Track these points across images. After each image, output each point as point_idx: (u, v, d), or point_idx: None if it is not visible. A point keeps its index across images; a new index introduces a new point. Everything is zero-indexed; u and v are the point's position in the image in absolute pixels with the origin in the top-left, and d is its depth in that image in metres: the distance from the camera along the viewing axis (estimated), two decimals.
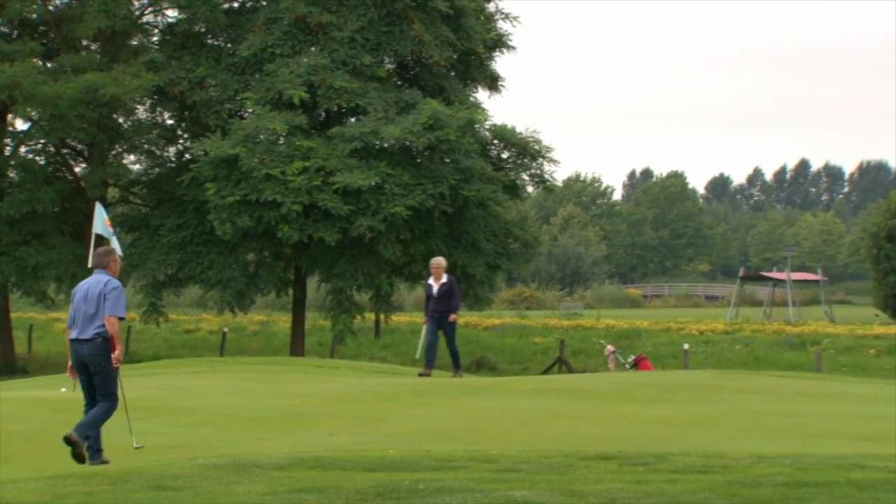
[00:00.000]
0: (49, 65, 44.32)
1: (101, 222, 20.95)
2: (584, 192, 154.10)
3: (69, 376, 13.35)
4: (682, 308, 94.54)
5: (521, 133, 43.40)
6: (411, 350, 39.41)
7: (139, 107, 45.04)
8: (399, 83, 44.24)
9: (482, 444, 12.95)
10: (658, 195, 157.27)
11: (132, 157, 46.88)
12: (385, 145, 39.79)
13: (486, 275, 42.87)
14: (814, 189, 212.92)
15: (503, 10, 47.10)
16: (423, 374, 24.19)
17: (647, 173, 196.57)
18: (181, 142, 46.35)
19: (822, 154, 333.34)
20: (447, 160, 40.37)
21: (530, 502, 8.25)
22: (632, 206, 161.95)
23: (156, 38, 46.50)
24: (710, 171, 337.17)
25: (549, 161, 43.73)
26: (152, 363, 31.65)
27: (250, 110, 41.50)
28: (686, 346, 41.07)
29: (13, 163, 44.73)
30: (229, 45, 44.10)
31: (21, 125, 45.27)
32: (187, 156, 44.96)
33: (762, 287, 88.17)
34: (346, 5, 41.93)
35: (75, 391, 18.71)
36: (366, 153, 39.70)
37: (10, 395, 19.33)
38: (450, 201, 39.66)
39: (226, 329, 48.70)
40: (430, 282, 24.21)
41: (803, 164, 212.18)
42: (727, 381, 22.17)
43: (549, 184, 45.05)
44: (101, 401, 12.76)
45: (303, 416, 16.58)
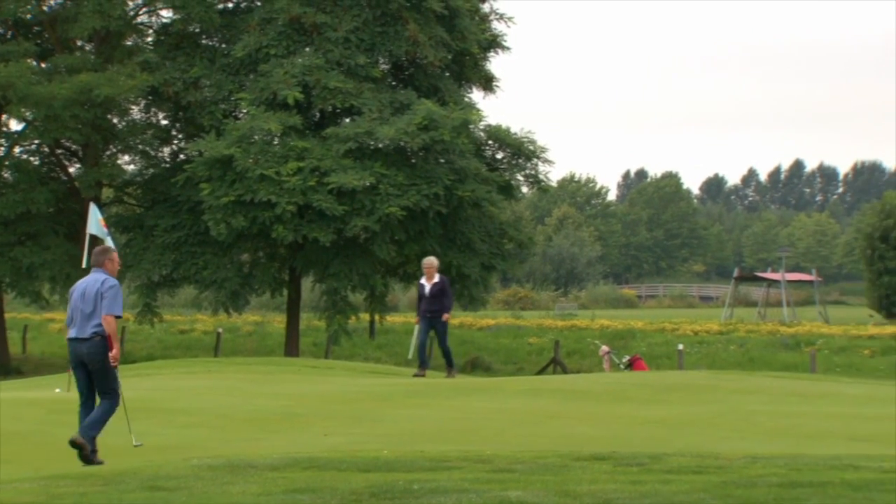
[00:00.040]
0: (43, 65, 44.24)
1: (95, 223, 20.89)
2: (579, 192, 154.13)
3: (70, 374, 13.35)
4: (677, 308, 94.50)
5: (515, 133, 43.42)
6: (405, 351, 39.40)
7: (133, 107, 45.05)
8: (393, 83, 44.24)
9: (477, 444, 12.96)
10: (653, 195, 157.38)
11: (126, 158, 46.91)
12: (380, 146, 39.81)
13: (481, 275, 42.89)
14: (808, 189, 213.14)
15: (497, 11, 47.16)
16: (418, 375, 24.20)
17: (641, 174, 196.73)
18: (176, 142, 46.31)
19: (816, 154, 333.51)
20: (442, 161, 40.38)
21: (525, 502, 8.25)
22: (626, 206, 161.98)
23: (150, 39, 46.45)
24: (705, 171, 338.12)
25: (543, 161, 43.81)
26: (147, 364, 31.61)
27: (245, 111, 41.50)
28: (680, 347, 41.10)
29: (7, 163, 44.70)
30: (224, 46, 44.08)
31: (15, 125, 45.31)
32: (182, 156, 44.91)
33: (757, 287, 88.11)
34: (340, 6, 41.93)
35: (69, 392, 18.72)
36: (360, 154, 39.69)
37: (4, 396, 19.29)
38: (444, 202, 39.65)
39: (220, 329, 48.65)
40: (423, 281, 24.16)
41: (798, 165, 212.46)
42: (722, 381, 22.19)
43: (543, 184, 45.08)
44: (102, 400, 12.78)
45: (297, 417, 16.58)
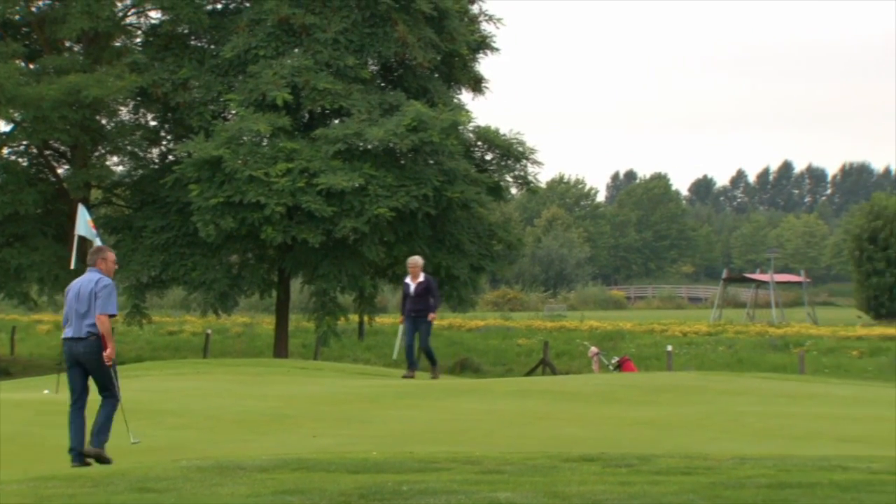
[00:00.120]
0: (32, 66, 44.14)
1: (83, 224, 20.86)
2: (568, 193, 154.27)
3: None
4: (666, 310, 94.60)
5: (504, 135, 43.44)
6: (393, 351, 39.43)
7: (122, 108, 44.97)
8: (383, 85, 44.24)
9: (466, 445, 12.96)
10: (641, 197, 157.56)
11: (115, 159, 46.82)
12: (369, 147, 39.79)
13: (470, 276, 42.89)
14: (797, 191, 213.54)
15: (487, 12, 47.19)
16: (407, 376, 24.16)
17: (630, 175, 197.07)
18: (164, 143, 46.24)
19: (805, 156, 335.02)
20: (431, 162, 40.37)
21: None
22: (615, 207, 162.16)
23: (139, 40, 46.35)
24: (694, 172, 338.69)
25: (532, 163, 43.84)
26: (135, 365, 31.52)
27: (234, 112, 41.46)
28: (669, 348, 41.12)
29: None
30: (213, 47, 44.04)
31: (3, 126, 45.15)
32: (171, 157, 44.80)
33: (745, 289, 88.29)
34: (329, 7, 41.91)
35: (58, 393, 18.68)
36: (349, 155, 39.67)
37: None
38: (433, 203, 39.65)
39: (209, 331, 48.56)
40: (408, 280, 24.03)
41: (786, 166, 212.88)
42: (710, 382, 22.22)
43: (532, 185, 45.09)
44: (103, 402, 12.83)
45: (286, 418, 16.57)
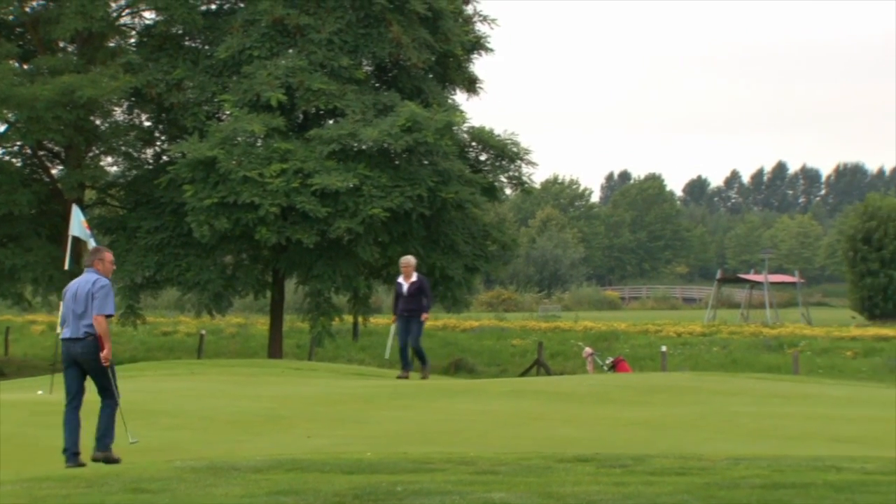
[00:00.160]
0: (26, 66, 44.13)
1: (77, 224, 20.80)
2: (562, 194, 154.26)
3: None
4: (660, 310, 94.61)
5: (499, 135, 43.42)
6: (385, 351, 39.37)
7: (116, 108, 44.89)
8: (377, 85, 44.24)
9: (460, 446, 12.96)
10: (636, 197, 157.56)
11: (109, 159, 46.79)
12: (363, 147, 39.78)
13: (464, 277, 42.87)
14: (791, 191, 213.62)
15: (481, 13, 47.23)
16: (401, 377, 24.14)
17: (624, 175, 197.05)
18: (158, 144, 46.21)
19: (799, 156, 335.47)
20: (425, 162, 40.38)
21: None
22: (610, 208, 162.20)
23: (133, 40, 46.33)
24: (688, 173, 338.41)
25: (527, 163, 43.82)
26: (129, 365, 31.48)
27: (228, 112, 41.42)
28: (664, 349, 41.14)
29: None
30: (207, 47, 44.01)
31: None
32: (165, 158, 44.80)
33: (740, 289, 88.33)
34: (323, 7, 41.89)
35: (52, 394, 18.66)
36: (344, 155, 39.66)
37: None
38: (428, 203, 39.64)
39: (203, 331, 48.53)
40: (400, 280, 23.99)
41: (780, 167, 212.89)
42: (705, 383, 22.24)
43: (527, 186, 45.06)
44: (102, 403, 12.84)
45: (280, 419, 16.56)
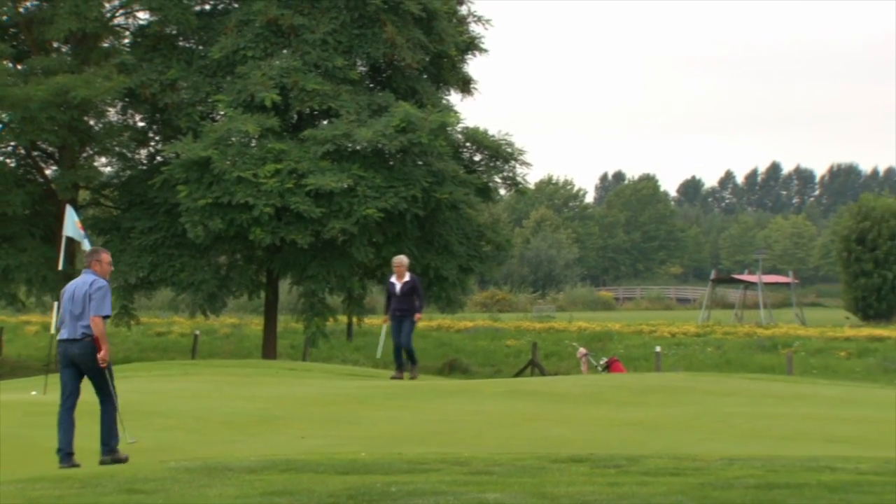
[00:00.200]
0: (20, 67, 44.07)
1: (71, 225, 20.80)
2: (557, 194, 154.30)
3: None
4: (654, 310, 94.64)
5: (493, 136, 43.44)
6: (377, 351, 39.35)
7: (110, 109, 44.89)
8: (371, 86, 44.23)
9: (454, 446, 12.95)
10: (630, 198, 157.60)
11: (103, 160, 46.76)
12: (357, 148, 39.78)
13: (459, 277, 42.89)
14: (785, 192, 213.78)
15: (475, 13, 47.26)
16: (396, 377, 24.12)
17: (619, 176, 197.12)
18: (153, 144, 46.19)
19: (793, 157, 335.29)
20: (419, 163, 40.38)
21: None
22: (604, 208, 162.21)
23: (127, 41, 46.32)
24: (682, 173, 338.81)
25: (521, 164, 43.87)
26: (123, 366, 31.44)
27: (222, 112, 41.42)
28: (658, 349, 41.18)
29: None
30: (201, 48, 44.01)
31: None
32: (159, 158, 44.76)
33: (734, 289, 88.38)
34: (317, 8, 41.89)
35: (46, 394, 18.64)
36: (338, 156, 39.66)
37: None
38: (422, 204, 39.64)
39: (197, 332, 48.49)
40: (393, 280, 23.91)
41: (774, 167, 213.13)
42: (699, 383, 22.25)
43: (521, 186, 45.11)
44: (101, 405, 12.84)
45: (275, 419, 16.55)
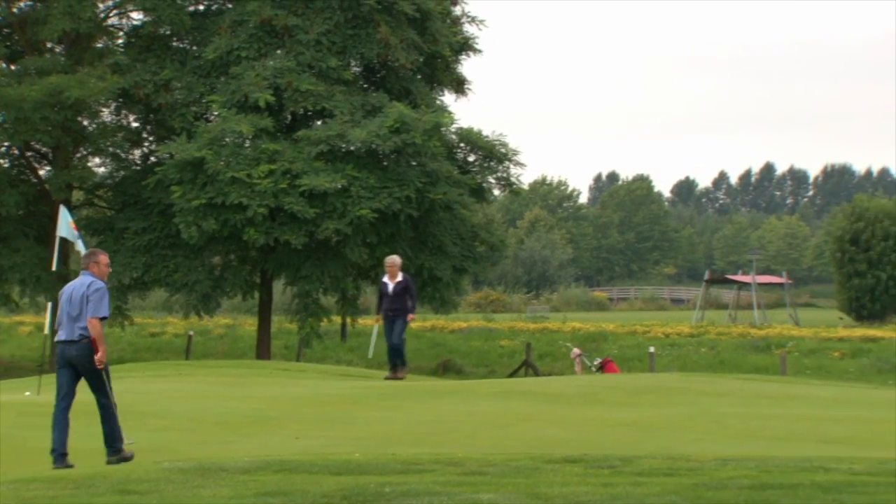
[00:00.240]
0: (13, 67, 44.06)
1: (65, 225, 20.77)
2: (551, 195, 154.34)
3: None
4: (648, 311, 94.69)
5: (487, 136, 43.42)
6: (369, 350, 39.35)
7: (104, 109, 44.82)
8: (365, 86, 44.23)
9: (448, 447, 12.95)
10: (624, 198, 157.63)
11: (97, 160, 46.73)
12: (351, 148, 39.78)
13: (453, 278, 42.88)
14: (779, 192, 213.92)
15: (469, 14, 47.26)
16: (390, 378, 24.12)
17: (613, 176, 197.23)
18: (146, 145, 46.16)
19: (786, 157, 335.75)
20: (413, 163, 40.38)
21: None
22: (598, 209, 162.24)
23: (121, 41, 46.27)
24: (676, 174, 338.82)
25: (515, 164, 43.84)
26: (117, 367, 31.39)
27: (216, 113, 41.40)
28: (652, 349, 41.19)
29: None
30: (195, 48, 43.98)
31: None
32: (153, 159, 44.76)
33: (727, 290, 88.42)
34: (311, 8, 41.89)
35: (39, 395, 18.62)
36: (332, 156, 39.66)
37: None
38: (416, 204, 39.64)
39: (191, 332, 48.45)
40: (385, 280, 23.88)
41: (768, 168, 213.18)
42: (692, 383, 22.26)
43: (515, 187, 45.09)
44: (100, 408, 12.82)
45: (269, 420, 16.54)
